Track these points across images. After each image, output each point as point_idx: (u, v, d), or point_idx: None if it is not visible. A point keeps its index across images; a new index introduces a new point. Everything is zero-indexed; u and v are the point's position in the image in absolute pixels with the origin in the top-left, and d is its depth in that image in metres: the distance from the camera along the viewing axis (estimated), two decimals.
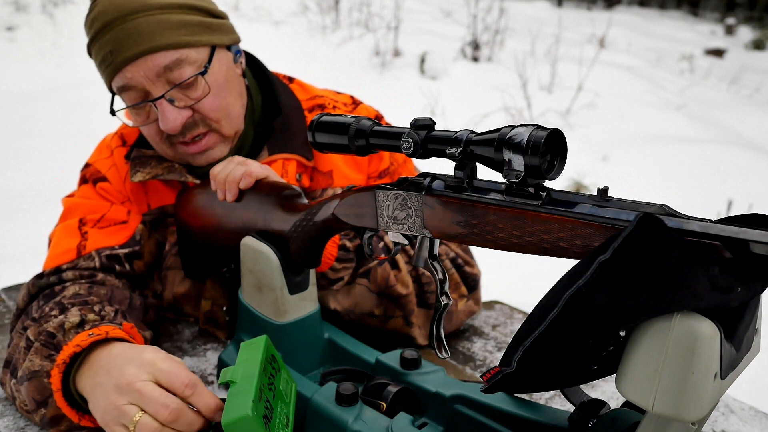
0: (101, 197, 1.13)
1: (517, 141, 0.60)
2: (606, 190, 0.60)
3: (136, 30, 0.98)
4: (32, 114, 4.84)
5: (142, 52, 0.98)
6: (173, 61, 0.99)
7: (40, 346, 0.87)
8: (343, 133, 0.76)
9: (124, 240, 1.10)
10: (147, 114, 1.04)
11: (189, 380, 0.76)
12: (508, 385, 0.63)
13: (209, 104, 1.04)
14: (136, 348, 0.81)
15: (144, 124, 1.05)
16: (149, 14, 0.99)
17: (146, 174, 1.09)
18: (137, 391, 0.74)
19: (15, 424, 0.89)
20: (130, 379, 0.75)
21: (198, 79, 1.02)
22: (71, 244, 1.07)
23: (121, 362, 0.78)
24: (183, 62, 1.00)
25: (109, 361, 0.80)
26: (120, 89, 1.02)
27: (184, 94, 1.02)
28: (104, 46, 1.00)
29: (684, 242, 0.52)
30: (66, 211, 1.14)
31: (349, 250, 1.06)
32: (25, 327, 0.94)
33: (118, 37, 0.98)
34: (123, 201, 1.13)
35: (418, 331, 1.08)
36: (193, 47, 1.02)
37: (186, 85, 1.01)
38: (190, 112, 1.03)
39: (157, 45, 0.98)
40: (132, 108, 1.04)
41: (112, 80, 1.02)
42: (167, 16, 1.00)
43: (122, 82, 1.01)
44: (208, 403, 0.76)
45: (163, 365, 0.77)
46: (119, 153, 1.16)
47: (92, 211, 1.11)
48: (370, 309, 1.06)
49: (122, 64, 0.99)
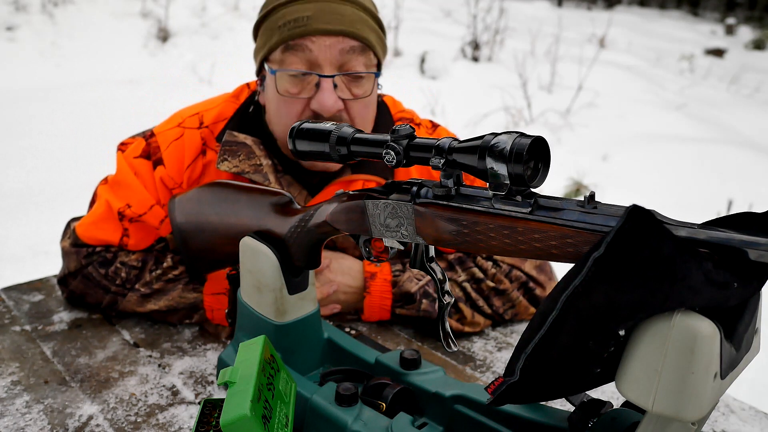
0: (151, 187, 1.16)
1: (500, 149, 0.60)
2: (593, 196, 0.60)
3: (340, 11, 1.06)
4: (32, 114, 4.84)
5: (341, 32, 1.05)
6: (359, 48, 1.07)
7: (182, 285, 1.11)
8: (323, 140, 0.76)
9: (154, 241, 1.18)
10: (302, 88, 1.08)
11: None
12: (513, 395, 0.63)
13: (360, 109, 1.11)
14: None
15: (295, 95, 1.08)
16: (355, 6, 1.09)
17: (233, 166, 1.13)
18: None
19: (15, 424, 0.89)
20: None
21: (367, 78, 1.10)
22: (114, 236, 1.15)
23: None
24: (363, 56, 1.08)
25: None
26: (290, 50, 1.06)
27: (349, 86, 1.09)
28: (303, 10, 1.05)
29: (675, 235, 0.52)
30: (118, 179, 1.17)
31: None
32: (109, 277, 1.12)
33: (322, 9, 1.05)
34: (173, 187, 1.16)
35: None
36: (373, 52, 1.11)
37: (354, 78, 1.08)
38: (342, 106, 1.08)
39: (355, 32, 1.06)
40: (291, 76, 1.07)
41: (288, 40, 1.06)
42: (367, 17, 1.10)
43: (301, 46, 1.05)
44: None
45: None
46: (193, 134, 1.17)
47: (137, 203, 1.15)
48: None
49: (316, 32, 1.04)
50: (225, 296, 1.10)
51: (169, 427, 0.89)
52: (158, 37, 7.05)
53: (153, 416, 0.91)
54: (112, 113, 4.84)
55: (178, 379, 1.01)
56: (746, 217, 0.55)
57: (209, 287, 1.12)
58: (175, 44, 7.02)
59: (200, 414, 0.82)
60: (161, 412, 0.92)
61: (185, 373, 1.02)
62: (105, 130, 4.39)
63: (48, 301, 1.23)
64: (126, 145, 1.19)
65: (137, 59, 6.55)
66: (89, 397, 0.95)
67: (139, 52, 6.73)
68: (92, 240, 1.16)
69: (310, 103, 1.08)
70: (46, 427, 0.88)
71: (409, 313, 1.13)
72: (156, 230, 1.17)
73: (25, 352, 1.06)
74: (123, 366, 1.03)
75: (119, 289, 1.13)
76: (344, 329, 1.15)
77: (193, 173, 1.17)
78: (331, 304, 1.14)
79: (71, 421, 0.89)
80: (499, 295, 1.15)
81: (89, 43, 6.63)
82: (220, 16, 7.71)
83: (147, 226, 1.16)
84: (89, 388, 0.97)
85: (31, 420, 0.90)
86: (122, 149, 1.18)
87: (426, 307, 1.12)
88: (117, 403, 0.94)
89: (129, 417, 0.91)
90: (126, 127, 2.59)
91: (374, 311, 1.15)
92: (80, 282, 1.16)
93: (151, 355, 1.07)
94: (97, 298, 1.16)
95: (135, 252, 1.16)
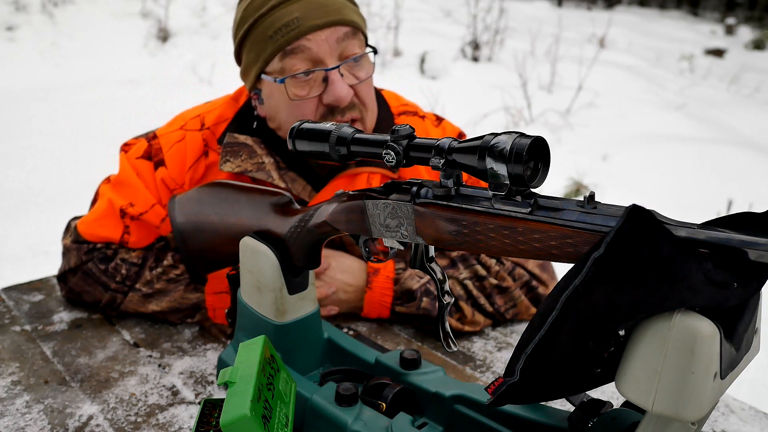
0: (152, 187, 1.17)
1: (500, 149, 0.60)
2: (593, 196, 0.60)
3: (324, 3, 1.07)
4: (32, 114, 4.84)
5: (332, 22, 1.06)
6: (350, 32, 1.09)
7: (183, 286, 1.12)
8: (323, 140, 0.76)
9: (154, 239, 1.19)
10: (310, 88, 1.08)
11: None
12: (514, 396, 0.63)
13: (367, 90, 1.13)
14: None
15: (305, 97, 1.09)
16: None
17: (236, 167, 1.13)
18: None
19: (15, 424, 0.89)
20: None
21: (365, 58, 1.12)
22: (115, 233, 1.16)
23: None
24: (356, 38, 1.10)
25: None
26: (289, 55, 1.07)
27: (352, 71, 1.10)
28: (289, 13, 1.06)
29: (674, 235, 0.52)
30: (121, 178, 1.18)
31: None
32: (108, 274, 1.13)
33: (307, 6, 1.06)
34: (174, 188, 1.17)
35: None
36: (362, 32, 1.13)
37: (355, 62, 1.10)
38: (352, 91, 1.09)
39: (344, 19, 1.08)
40: (297, 79, 1.08)
41: (284, 47, 1.06)
42: (346, 1, 1.12)
43: (299, 48, 1.06)
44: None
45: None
46: (194, 136, 1.18)
47: (139, 202, 1.15)
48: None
49: (310, 29, 1.05)
50: (227, 295, 1.10)
51: (169, 427, 0.89)
52: (158, 37, 7.05)
53: (153, 416, 0.91)
54: (112, 113, 4.84)
55: (178, 379, 1.01)
56: (746, 217, 0.55)
57: (211, 286, 1.12)
58: (175, 44, 7.02)
59: (200, 414, 0.82)
60: (161, 412, 0.92)
61: (185, 373, 1.02)
62: (105, 130, 4.39)
63: (48, 301, 1.23)
64: (129, 145, 1.20)
65: (137, 59, 6.55)
66: (89, 397, 0.95)
67: (139, 52, 6.73)
68: (93, 237, 1.16)
69: (322, 100, 1.09)
70: (46, 427, 0.88)
71: (409, 311, 1.13)
72: (157, 229, 1.17)
73: (25, 352, 1.06)
74: (123, 366, 1.03)
75: (119, 286, 1.13)
76: (343, 329, 1.15)
77: (195, 174, 1.17)
78: (331, 305, 1.14)
79: (71, 421, 0.89)
80: (501, 293, 1.15)
81: (89, 43, 6.64)
82: (220, 16, 7.71)
83: (148, 225, 1.16)
84: (89, 388, 0.97)
85: (31, 420, 0.90)
86: (125, 150, 1.19)
87: (426, 305, 1.12)
88: (117, 403, 0.94)
89: (129, 417, 0.91)
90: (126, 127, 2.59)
91: (374, 307, 1.15)
92: (80, 279, 1.16)
93: (151, 355, 1.07)
94: (95, 296, 1.16)
95: (135, 249, 1.17)
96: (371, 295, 1.14)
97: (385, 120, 1.21)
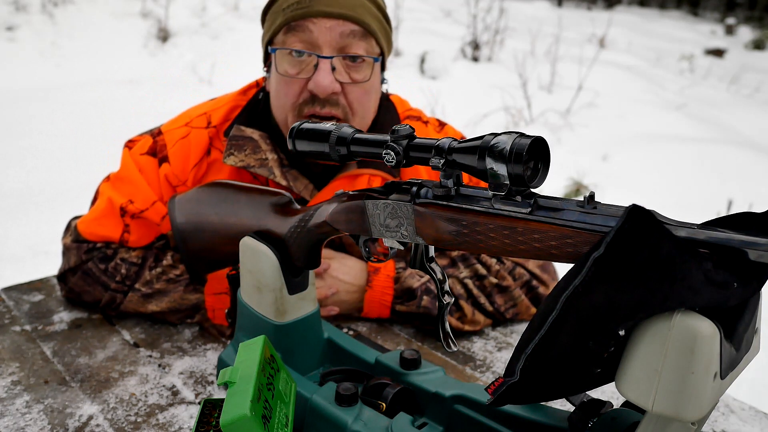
0: (155, 184, 1.17)
1: (499, 149, 0.60)
2: (593, 196, 0.60)
3: None
4: (32, 114, 4.84)
5: (342, 15, 1.06)
6: (359, 32, 1.08)
7: (183, 286, 1.11)
8: (323, 140, 0.76)
9: (155, 238, 1.19)
10: (301, 69, 1.09)
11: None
12: (514, 396, 0.63)
13: (357, 94, 1.11)
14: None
15: (293, 77, 1.09)
16: None
17: (239, 161, 1.13)
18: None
19: (15, 424, 0.89)
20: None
21: (367, 63, 1.10)
22: (115, 232, 1.16)
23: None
24: (364, 41, 1.09)
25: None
26: (292, 31, 1.07)
27: (347, 69, 1.09)
28: None
29: (674, 235, 0.52)
30: (121, 175, 1.18)
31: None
32: (108, 273, 1.13)
33: None
34: (177, 185, 1.17)
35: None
36: (375, 39, 1.11)
37: (354, 62, 1.09)
38: (339, 88, 1.08)
39: (356, 16, 1.07)
40: (291, 56, 1.08)
41: (290, 21, 1.07)
42: (370, 5, 1.11)
43: (302, 27, 1.07)
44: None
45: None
46: (200, 134, 1.18)
47: (139, 199, 1.15)
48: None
49: (317, 14, 1.06)
50: (226, 296, 1.10)
51: (169, 427, 0.89)
52: (158, 37, 7.05)
53: (153, 416, 0.91)
54: (112, 113, 4.84)
55: (178, 379, 1.01)
56: (746, 217, 0.55)
57: (210, 287, 1.12)
58: (175, 44, 7.02)
59: (200, 414, 0.82)
60: (161, 412, 0.92)
61: (185, 373, 1.02)
62: (105, 130, 4.39)
63: (48, 301, 1.23)
64: (134, 142, 1.20)
65: (137, 59, 6.55)
66: (89, 397, 0.95)
67: (139, 52, 6.73)
68: (93, 236, 1.16)
69: (307, 84, 1.09)
70: (46, 427, 0.88)
71: (410, 309, 1.13)
72: (157, 227, 1.17)
73: (25, 352, 1.06)
74: (123, 366, 1.03)
75: (119, 286, 1.13)
76: (343, 329, 1.15)
77: (198, 172, 1.18)
78: (331, 305, 1.14)
79: (71, 421, 0.89)
80: (501, 292, 1.15)
81: (89, 43, 6.64)
82: (220, 16, 7.71)
83: (148, 223, 1.16)
84: (89, 388, 0.97)
85: (31, 420, 0.90)
86: (129, 146, 1.20)
87: (426, 303, 1.12)
88: (117, 403, 0.94)
89: (129, 417, 0.91)
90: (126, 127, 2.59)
91: (374, 306, 1.15)
92: (80, 278, 1.16)
93: (151, 355, 1.07)
94: (95, 296, 1.16)
95: (135, 249, 1.17)
96: (371, 293, 1.14)
97: (392, 124, 1.21)
